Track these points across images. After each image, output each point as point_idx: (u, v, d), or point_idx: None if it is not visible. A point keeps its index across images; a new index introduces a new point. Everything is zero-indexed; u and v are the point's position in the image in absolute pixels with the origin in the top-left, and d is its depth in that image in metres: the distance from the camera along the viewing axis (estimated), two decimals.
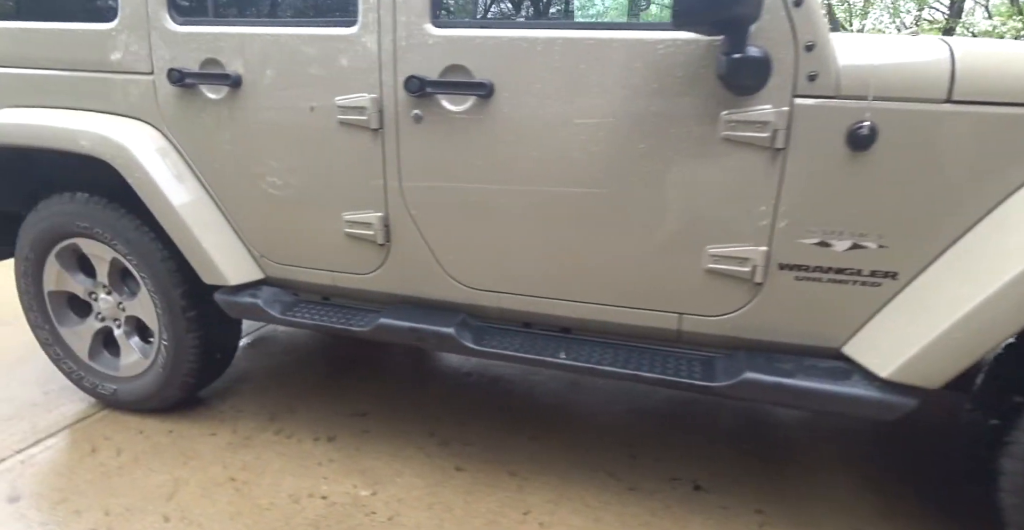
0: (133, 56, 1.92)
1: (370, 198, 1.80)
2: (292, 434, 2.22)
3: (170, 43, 1.86)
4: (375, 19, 1.65)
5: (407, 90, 1.62)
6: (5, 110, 2.09)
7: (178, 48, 1.86)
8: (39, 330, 2.32)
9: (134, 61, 1.92)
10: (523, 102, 1.57)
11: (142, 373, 2.24)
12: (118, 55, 1.93)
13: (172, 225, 1.93)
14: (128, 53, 1.92)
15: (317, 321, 1.91)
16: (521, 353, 1.72)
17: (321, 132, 1.78)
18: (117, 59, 1.94)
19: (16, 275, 2.28)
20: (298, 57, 1.74)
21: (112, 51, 1.94)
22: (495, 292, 1.79)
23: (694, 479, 2.00)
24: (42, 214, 2.14)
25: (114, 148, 1.90)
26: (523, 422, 2.31)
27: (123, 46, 1.92)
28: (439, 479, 1.99)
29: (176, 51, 1.86)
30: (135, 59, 1.92)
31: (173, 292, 2.06)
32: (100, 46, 1.95)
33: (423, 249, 1.81)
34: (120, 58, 1.93)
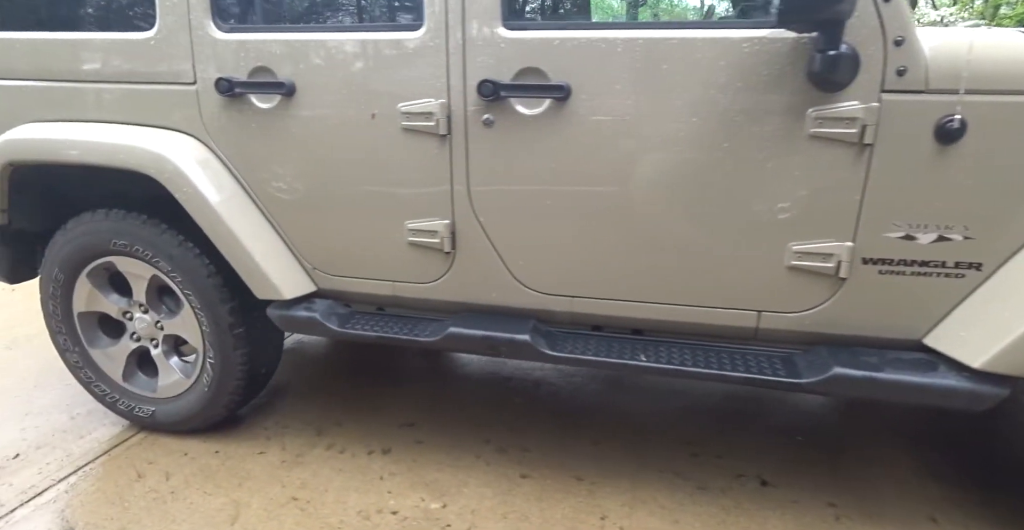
0: (174, 66, 1.83)
1: (435, 205, 1.76)
2: (344, 448, 2.16)
3: (215, 52, 1.79)
4: (442, 23, 1.61)
5: (480, 94, 1.59)
6: (30, 125, 1.99)
7: (224, 57, 1.79)
8: (68, 353, 2.22)
9: (175, 71, 1.84)
10: (602, 104, 1.55)
11: (183, 393, 2.15)
12: (157, 65, 1.85)
13: (223, 240, 1.86)
14: (168, 63, 1.84)
15: (379, 333, 1.86)
16: (601, 357, 1.70)
17: (383, 139, 1.73)
18: (156, 69, 1.85)
19: (43, 297, 2.16)
20: (358, 63, 1.69)
21: (150, 61, 1.85)
22: (567, 296, 1.77)
23: (759, 474, 2.01)
24: (73, 233, 2.03)
25: (159, 162, 1.82)
26: (577, 425, 2.29)
27: (163, 56, 1.84)
28: (507, 487, 1.96)
29: (222, 60, 1.79)
30: (176, 69, 1.84)
31: (220, 309, 1.98)
32: (136, 56, 1.86)
33: (491, 255, 1.77)
34: (159, 68, 1.85)
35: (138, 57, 1.86)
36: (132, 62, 1.87)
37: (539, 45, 1.56)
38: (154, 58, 1.85)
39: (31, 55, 1.95)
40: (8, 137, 1.96)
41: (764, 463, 2.07)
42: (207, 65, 1.81)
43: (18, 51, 1.96)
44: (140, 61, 1.86)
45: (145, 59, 1.86)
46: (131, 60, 1.87)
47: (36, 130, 1.95)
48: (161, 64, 1.85)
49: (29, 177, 2.06)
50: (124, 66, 1.88)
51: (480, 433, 2.25)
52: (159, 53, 1.84)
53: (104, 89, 1.91)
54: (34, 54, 1.95)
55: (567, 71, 1.56)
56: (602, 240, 1.68)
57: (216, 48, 1.79)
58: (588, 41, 1.53)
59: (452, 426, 2.29)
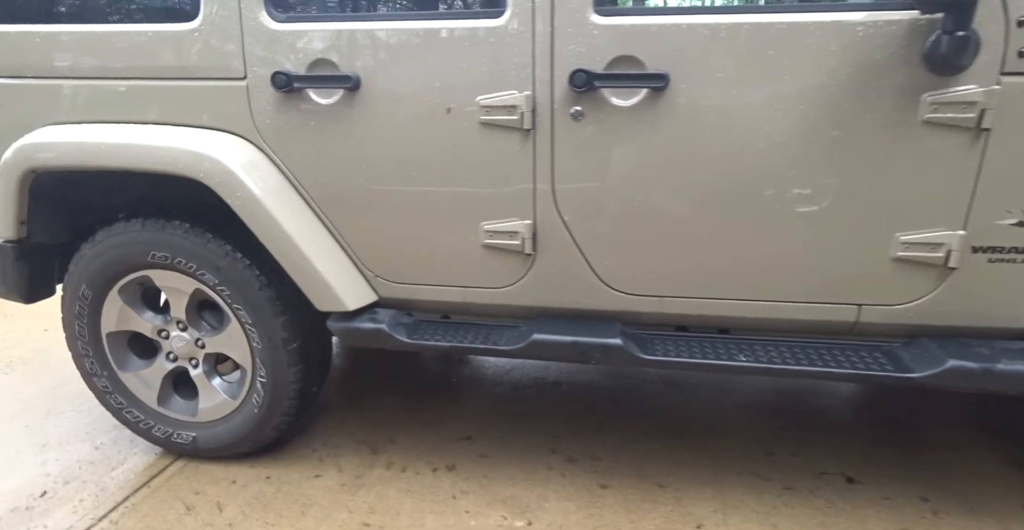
0: (220, 59, 1.68)
1: (515, 205, 1.65)
2: (406, 467, 2.03)
3: (269, 43, 1.64)
4: (529, 9, 1.50)
5: (572, 85, 1.49)
6: (51, 128, 1.80)
7: (279, 49, 1.64)
8: (96, 378, 2.03)
9: (222, 65, 1.69)
10: (703, 93, 1.47)
11: (228, 416, 1.99)
12: (200, 59, 1.69)
13: (281, 249, 1.72)
14: (213, 56, 1.68)
15: (453, 343, 1.74)
16: (698, 360, 1.63)
17: (458, 135, 1.62)
18: (199, 64, 1.69)
19: (65, 318, 1.97)
20: (432, 53, 1.57)
21: (192, 54, 1.69)
22: (656, 296, 1.68)
23: (842, 471, 1.96)
24: (104, 245, 1.86)
25: (210, 165, 1.66)
26: (640, 428, 2.21)
27: (207, 48, 1.68)
28: (589, 500, 1.86)
29: (277, 52, 1.64)
30: (223, 63, 1.68)
31: (273, 323, 1.83)
32: (176, 49, 1.70)
33: (574, 256, 1.68)
34: (203, 62, 1.69)
35: (178, 50, 1.70)
36: (171, 56, 1.70)
37: (635, 32, 1.47)
38: (197, 51, 1.69)
39: (52, 50, 1.77)
40: (29, 141, 1.77)
41: (843, 459, 2.03)
42: (259, 58, 1.66)
43: (36, 46, 1.78)
44: (180, 55, 1.70)
45: (187, 52, 1.70)
46: (170, 54, 1.70)
47: (61, 133, 1.77)
48: (205, 58, 1.69)
49: (46, 185, 1.87)
50: (161, 61, 1.71)
51: (543, 442, 2.15)
52: (203, 46, 1.68)
53: (138, 86, 1.74)
54: (55, 49, 1.76)
55: (666, 59, 1.47)
56: (697, 236, 1.60)
57: (270, 40, 1.64)
58: (689, 27, 1.45)
59: (512, 436, 2.19)
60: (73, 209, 2.02)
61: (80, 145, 1.72)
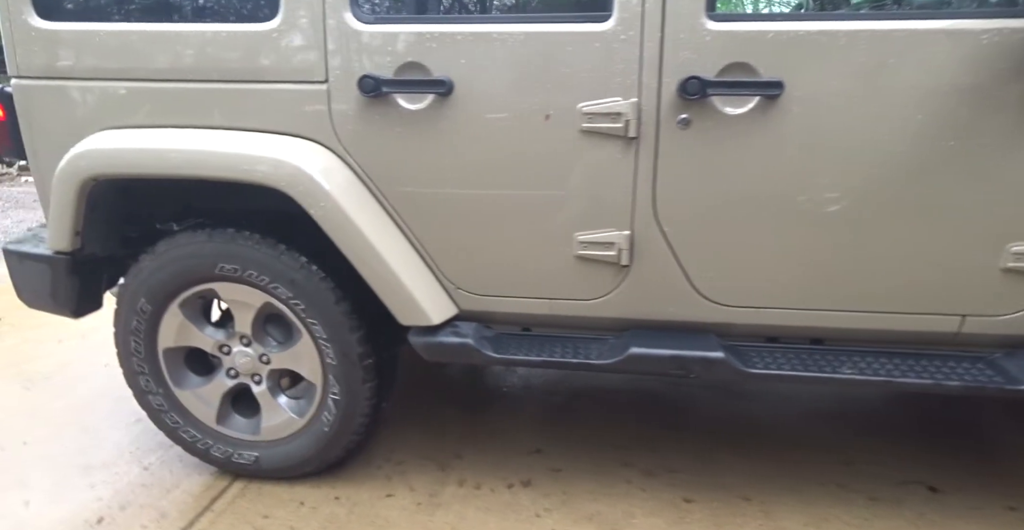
0: (300, 62, 1.59)
1: (613, 215, 1.60)
2: (479, 483, 1.96)
3: (354, 46, 1.56)
4: (638, 14, 1.45)
5: (685, 92, 1.44)
6: (110, 133, 1.69)
7: (365, 51, 1.56)
8: (151, 396, 1.92)
9: (301, 68, 1.60)
10: (818, 101, 1.43)
11: (294, 434, 1.90)
12: (277, 61, 1.60)
13: (366, 260, 1.64)
14: (293, 58, 1.59)
15: (544, 357, 1.68)
16: (801, 372, 1.59)
17: (556, 143, 1.56)
18: (276, 66, 1.60)
19: (119, 333, 1.86)
20: (531, 58, 1.51)
21: (269, 56, 1.60)
22: (753, 308, 1.64)
23: (922, 481, 1.95)
24: (167, 257, 1.75)
25: (293, 174, 1.58)
26: (711, 438, 2.17)
27: (286, 50, 1.59)
28: (677, 515, 1.82)
29: (363, 55, 1.56)
30: (303, 66, 1.59)
31: (350, 338, 1.75)
32: (251, 51, 1.61)
33: (672, 267, 1.63)
34: (280, 65, 1.60)
35: (254, 52, 1.60)
36: (245, 58, 1.61)
37: (750, 38, 1.42)
38: (275, 53, 1.60)
39: (113, 51, 1.66)
40: (90, 147, 1.66)
41: (921, 468, 2.01)
42: (343, 61, 1.57)
43: (95, 46, 1.66)
44: (256, 56, 1.61)
45: (263, 54, 1.60)
46: (245, 55, 1.61)
47: (126, 138, 1.66)
48: (284, 60, 1.60)
49: (99, 194, 1.76)
50: (235, 62, 1.62)
51: (615, 455, 2.10)
52: (282, 47, 1.59)
53: (208, 89, 1.65)
54: (118, 49, 1.65)
55: (781, 67, 1.43)
56: (802, 247, 1.56)
57: (356, 42, 1.56)
58: (806, 34, 1.41)
59: (581, 449, 2.13)
60: (122, 218, 1.91)
61: (150, 151, 1.62)
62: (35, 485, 1.99)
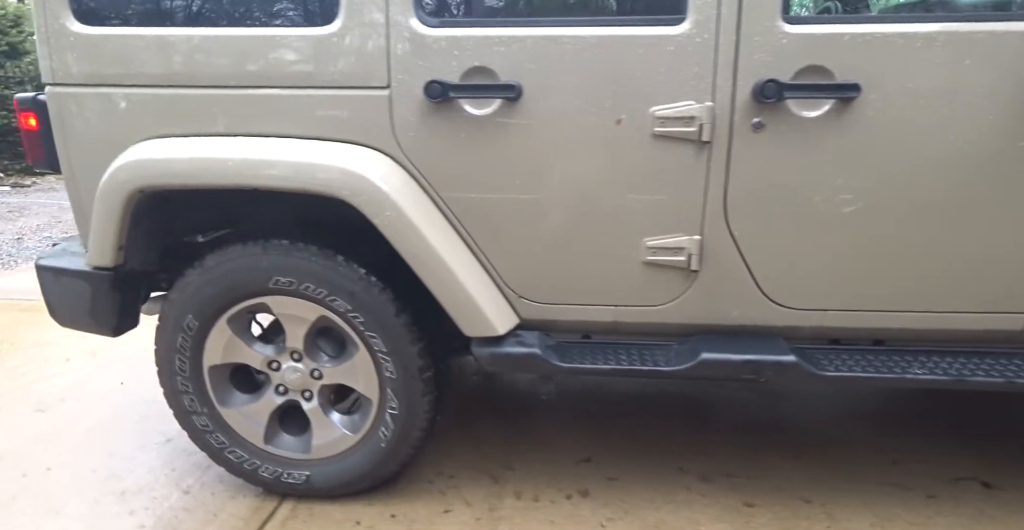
0: (361, 67, 1.55)
1: (682, 220, 1.58)
2: (537, 495, 1.93)
3: (419, 50, 1.52)
4: (712, 17, 1.44)
5: (762, 95, 1.43)
6: (155, 143, 1.62)
7: (431, 56, 1.52)
8: (194, 416, 1.84)
9: (362, 73, 1.55)
10: (894, 103, 1.44)
11: (347, 451, 1.84)
12: (337, 66, 1.55)
13: (432, 271, 1.59)
14: (354, 63, 1.55)
15: (613, 365, 1.65)
16: (873, 374, 1.59)
17: (627, 148, 1.54)
18: (334, 71, 1.55)
19: (161, 351, 1.78)
20: (602, 62, 1.49)
21: (328, 61, 1.55)
22: (820, 310, 1.64)
23: (975, 477, 1.97)
24: (217, 271, 1.68)
25: (357, 183, 1.53)
26: (762, 441, 2.17)
27: (346, 55, 1.54)
28: (741, 520, 1.81)
29: (428, 60, 1.53)
30: (364, 71, 1.55)
31: (410, 350, 1.70)
32: (309, 55, 1.55)
33: (740, 271, 1.62)
34: (339, 70, 1.55)
35: (312, 56, 1.55)
36: (303, 62, 1.56)
37: (826, 41, 1.42)
38: (334, 58, 1.55)
39: (161, 56, 1.59)
40: (138, 157, 1.59)
41: (969, 464, 2.03)
42: (407, 66, 1.53)
43: (141, 52, 1.59)
44: (314, 61, 1.55)
45: (321, 59, 1.55)
46: (302, 60, 1.56)
47: (175, 148, 1.59)
48: (343, 65, 1.55)
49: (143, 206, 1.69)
50: (291, 67, 1.56)
51: (667, 461, 2.08)
52: (342, 52, 1.54)
53: (262, 96, 1.59)
54: (166, 55, 1.59)
55: (857, 69, 1.43)
56: (870, 248, 1.56)
57: (421, 46, 1.52)
58: (883, 36, 1.41)
59: (632, 456, 2.11)
60: (161, 232, 1.83)
61: (205, 161, 1.56)
62: (70, 513, 1.89)
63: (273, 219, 1.86)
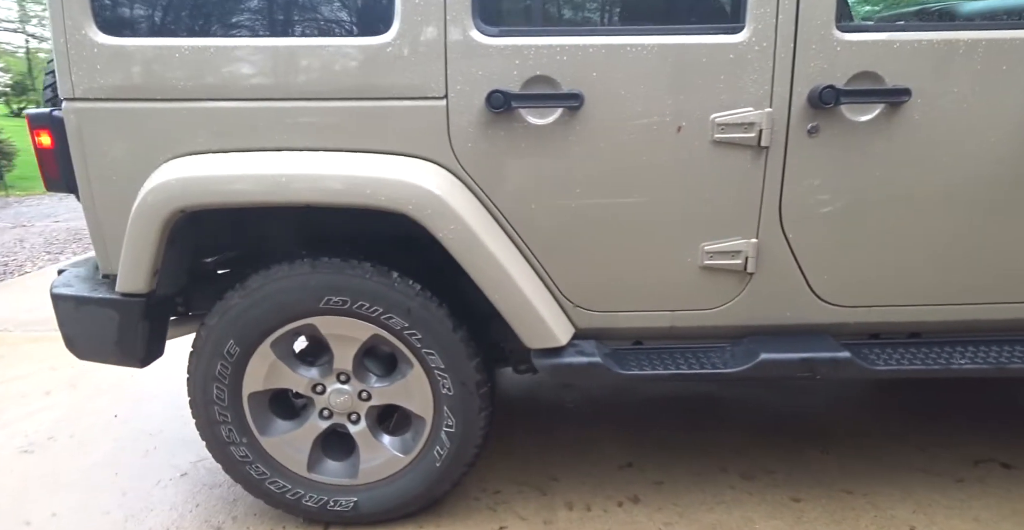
0: (417, 77, 1.50)
1: (739, 224, 1.61)
2: (589, 505, 1.91)
3: (478, 59, 1.49)
4: (771, 25, 1.47)
5: (820, 101, 1.47)
6: (194, 159, 1.52)
7: (490, 65, 1.49)
8: (232, 448, 1.73)
9: (418, 84, 1.50)
10: (940, 106, 1.51)
11: (397, 474, 1.77)
12: (391, 76, 1.50)
13: (496, 284, 1.55)
14: (409, 73, 1.50)
15: (673, 370, 1.66)
16: (922, 366, 1.66)
17: (687, 155, 1.55)
18: (388, 81, 1.50)
19: (196, 380, 1.67)
20: (663, 70, 1.50)
21: (382, 72, 1.50)
22: (865, 307, 1.70)
23: (994, 458, 2.09)
24: (261, 293, 1.59)
25: (421, 196, 1.48)
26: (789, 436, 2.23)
27: (401, 65, 1.49)
28: (793, 516, 1.84)
29: (488, 69, 1.50)
30: (420, 81, 1.50)
31: (467, 366, 1.66)
32: (362, 66, 1.50)
33: (793, 272, 1.66)
34: (394, 80, 1.50)
35: (365, 67, 1.49)
36: (354, 74, 1.50)
37: (877, 48, 1.48)
38: (389, 68, 1.50)
39: (198, 68, 1.49)
40: (177, 175, 1.48)
41: (985, 446, 2.15)
42: (465, 76, 1.50)
43: (176, 64, 1.49)
44: (367, 72, 1.50)
45: (374, 70, 1.50)
46: (354, 71, 1.50)
47: (217, 164, 1.49)
48: (398, 75, 1.50)
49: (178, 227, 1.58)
50: (341, 79, 1.50)
51: (708, 461, 2.11)
52: (397, 62, 1.49)
53: (310, 108, 1.52)
54: (204, 67, 1.49)
55: (906, 74, 1.50)
56: (916, 246, 1.63)
57: (479, 56, 1.49)
58: (930, 43, 1.48)
59: (672, 459, 2.12)
60: (192, 253, 1.72)
61: (255, 177, 1.47)
62: None
63: (290, 236, 1.79)
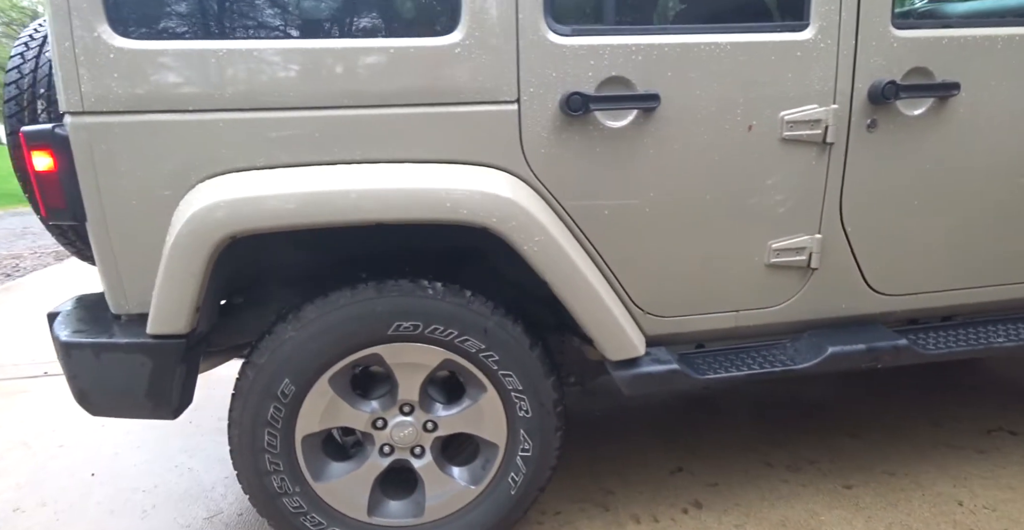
0: (487, 80, 1.40)
1: (803, 220, 1.62)
2: (655, 515, 1.85)
3: (551, 61, 1.41)
4: (835, 23, 1.49)
5: (881, 96, 1.51)
6: (229, 178, 1.34)
7: (564, 67, 1.41)
8: (285, 499, 1.54)
9: (489, 87, 1.40)
10: (987, 100, 1.59)
11: (469, 505, 1.64)
12: (459, 80, 1.39)
13: (580, 296, 1.47)
14: (480, 76, 1.39)
15: (747, 371, 1.65)
16: (966, 347, 1.74)
17: (757, 153, 1.54)
18: (455, 85, 1.39)
19: (242, 428, 1.47)
20: (735, 69, 1.48)
21: (449, 75, 1.38)
22: (911, 294, 1.77)
23: (1001, 427, 2.24)
24: (323, 324, 1.42)
25: (505, 208, 1.37)
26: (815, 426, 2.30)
27: (471, 67, 1.38)
28: (851, 504, 1.87)
29: (563, 70, 1.41)
30: (490, 84, 1.40)
31: (545, 385, 1.56)
32: (426, 69, 1.37)
33: (850, 265, 1.69)
34: (460, 84, 1.39)
35: (429, 70, 1.37)
36: (417, 77, 1.37)
37: (929, 44, 1.54)
38: (455, 71, 1.38)
39: (238, 75, 1.31)
40: (225, 196, 1.29)
41: (991, 416, 2.30)
42: (539, 77, 1.41)
43: (211, 70, 1.30)
44: (431, 76, 1.38)
45: (440, 73, 1.38)
46: (416, 75, 1.37)
47: (271, 182, 1.31)
48: (466, 79, 1.39)
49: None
50: (403, 83, 1.37)
51: (751, 457, 2.12)
52: (465, 64, 1.38)
53: (369, 117, 1.37)
54: (245, 73, 1.31)
55: (955, 69, 1.56)
56: (962, 234, 1.71)
57: (553, 57, 1.41)
58: (977, 39, 1.56)
59: (717, 459, 2.12)
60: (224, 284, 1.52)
61: (320, 195, 1.30)
62: None
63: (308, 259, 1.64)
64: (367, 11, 1.40)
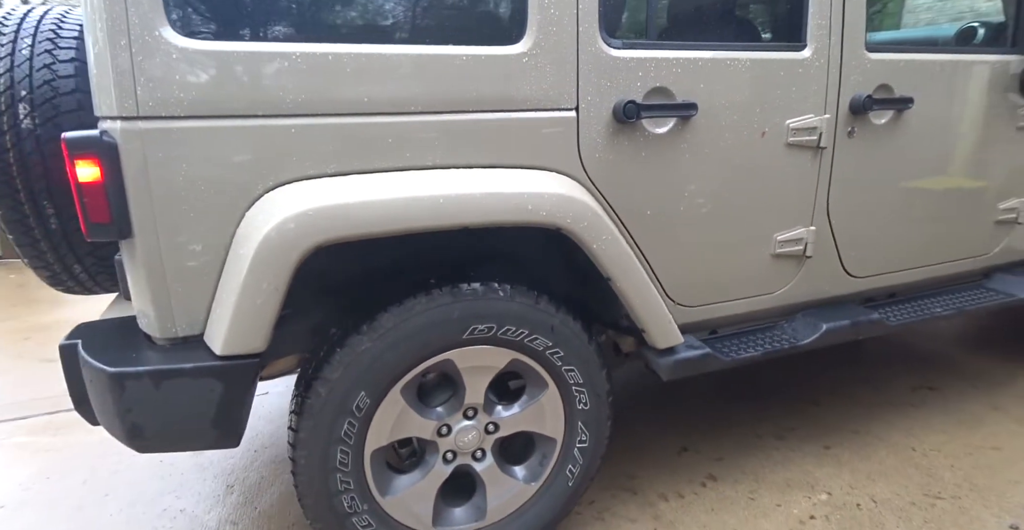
0: (551, 88, 1.45)
1: (801, 214, 1.84)
2: (680, 492, 2.00)
3: (606, 71, 1.50)
4: (826, 44, 1.72)
5: (861, 108, 1.77)
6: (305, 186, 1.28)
7: (617, 77, 1.51)
8: (354, 518, 1.47)
9: (552, 95, 1.46)
10: (936, 112, 1.93)
11: (527, 504, 1.67)
12: (527, 87, 1.43)
13: (637, 290, 1.57)
14: (544, 84, 1.45)
15: (763, 351, 1.84)
16: (920, 317, 2.06)
17: (768, 156, 1.74)
18: (522, 92, 1.43)
19: (311, 448, 1.39)
20: (753, 81, 1.66)
21: (515, 82, 1.42)
22: (874, 275, 2.06)
23: (921, 384, 2.65)
24: (399, 332, 1.39)
25: (578, 210, 1.44)
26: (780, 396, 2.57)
27: (536, 76, 1.43)
28: (833, 462, 2.14)
29: (614, 81, 1.51)
30: (554, 92, 1.46)
31: (600, 377, 1.64)
32: (496, 76, 1.40)
33: (832, 253, 1.95)
34: (528, 91, 1.44)
35: (499, 78, 1.41)
36: (488, 84, 1.40)
37: (892, 65, 1.83)
38: (523, 79, 1.43)
39: (315, 78, 1.26)
40: (310, 205, 1.23)
41: (909, 375, 2.72)
42: (595, 87, 1.49)
43: (284, 73, 1.24)
44: (501, 83, 1.41)
45: (509, 80, 1.42)
46: (487, 82, 1.40)
47: (356, 189, 1.27)
48: (533, 86, 1.44)
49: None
50: (475, 90, 1.39)
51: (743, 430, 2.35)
52: (532, 73, 1.43)
53: (438, 123, 1.38)
54: (322, 76, 1.26)
55: (910, 86, 1.87)
56: (911, 223, 2.03)
57: (608, 67, 1.50)
58: (931, 62, 1.88)
59: (714, 435, 2.32)
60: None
61: (411, 201, 1.29)
62: None
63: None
64: (440, 18, 1.41)
